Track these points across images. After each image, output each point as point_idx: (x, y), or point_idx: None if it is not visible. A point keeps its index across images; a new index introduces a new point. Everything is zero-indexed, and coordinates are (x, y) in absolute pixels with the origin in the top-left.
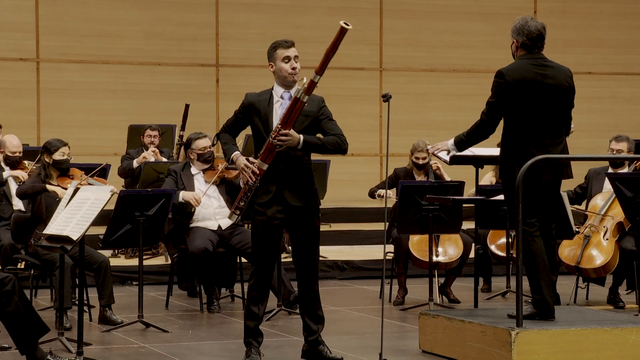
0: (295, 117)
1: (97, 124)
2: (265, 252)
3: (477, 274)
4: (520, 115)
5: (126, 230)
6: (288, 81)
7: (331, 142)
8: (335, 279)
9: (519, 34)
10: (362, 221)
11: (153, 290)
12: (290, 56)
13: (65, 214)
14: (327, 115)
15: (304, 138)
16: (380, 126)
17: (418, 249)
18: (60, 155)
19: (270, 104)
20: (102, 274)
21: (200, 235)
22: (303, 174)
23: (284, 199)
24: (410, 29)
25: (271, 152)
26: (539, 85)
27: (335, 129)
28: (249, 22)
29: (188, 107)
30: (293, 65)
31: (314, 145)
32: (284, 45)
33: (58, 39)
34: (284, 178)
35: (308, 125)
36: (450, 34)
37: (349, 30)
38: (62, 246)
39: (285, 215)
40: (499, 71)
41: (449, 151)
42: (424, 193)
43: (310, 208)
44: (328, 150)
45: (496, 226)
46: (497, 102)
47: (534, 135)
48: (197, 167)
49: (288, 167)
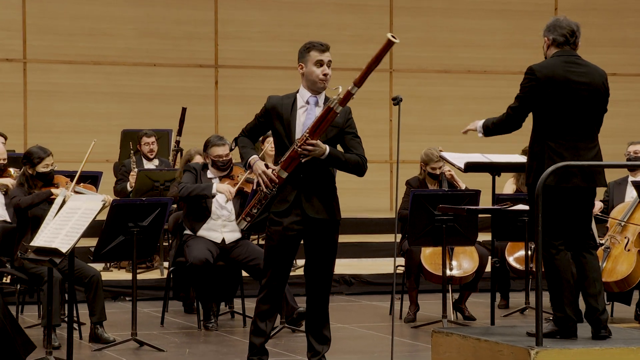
0: (325, 127)
1: (87, 129)
2: (279, 265)
3: (494, 289)
4: (550, 116)
5: (119, 242)
6: (317, 87)
7: (353, 161)
8: (343, 294)
9: (550, 31)
10: (371, 232)
11: (147, 307)
12: (324, 61)
13: (54, 225)
14: (353, 130)
15: (330, 151)
16: (391, 131)
17: (431, 262)
18: (43, 167)
19: (294, 109)
20: (93, 289)
21: (200, 246)
22: (325, 185)
23: (302, 209)
24: (423, 27)
25: (294, 160)
26: (570, 85)
27: (358, 148)
28: (251, 20)
29: (185, 110)
30: (325, 71)
31: (336, 160)
32: (319, 48)
33: (46, 38)
34: (304, 187)
35: (334, 137)
36: (466, 32)
37: (359, 29)
38: (50, 259)
39: (303, 226)
40: (530, 67)
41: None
42: (437, 202)
43: (329, 222)
44: (348, 168)
45: (514, 238)
46: (525, 98)
47: (566, 138)
48: (212, 173)
49: (309, 176)
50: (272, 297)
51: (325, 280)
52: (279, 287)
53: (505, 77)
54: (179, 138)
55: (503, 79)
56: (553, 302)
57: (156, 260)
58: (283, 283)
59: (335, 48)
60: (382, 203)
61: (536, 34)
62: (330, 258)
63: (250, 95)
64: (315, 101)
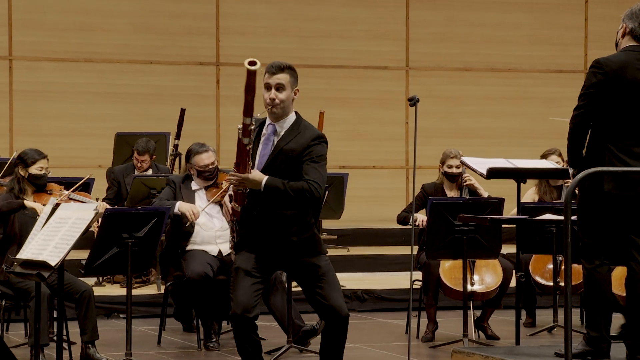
0: (244, 158)
1: (78, 132)
2: (238, 305)
3: (519, 305)
4: (613, 116)
5: (112, 254)
6: (271, 112)
7: (296, 187)
8: (355, 311)
9: (632, 18)
10: (386, 244)
11: (143, 324)
12: (271, 84)
13: (42, 236)
14: (312, 155)
15: (267, 181)
16: (407, 134)
17: (450, 276)
18: (37, 169)
19: (259, 138)
20: (84, 306)
21: (199, 259)
22: (284, 225)
23: (260, 249)
24: (442, 21)
25: (236, 193)
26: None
27: (310, 172)
28: (255, 14)
29: (184, 112)
30: (271, 95)
31: (275, 190)
32: (270, 71)
33: (34, 34)
34: (259, 226)
35: (289, 166)
36: (489, 27)
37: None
38: (38, 273)
39: (261, 264)
40: (596, 60)
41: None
42: (457, 212)
43: (300, 253)
44: (292, 197)
45: (541, 250)
46: (591, 96)
47: (630, 142)
48: (198, 184)
49: (262, 213)
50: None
51: (328, 303)
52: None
53: (531, 75)
54: (177, 142)
55: (528, 78)
56: (588, 319)
57: (153, 274)
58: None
59: (346, 44)
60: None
61: (565, 29)
62: (321, 279)
63: None
64: (273, 130)
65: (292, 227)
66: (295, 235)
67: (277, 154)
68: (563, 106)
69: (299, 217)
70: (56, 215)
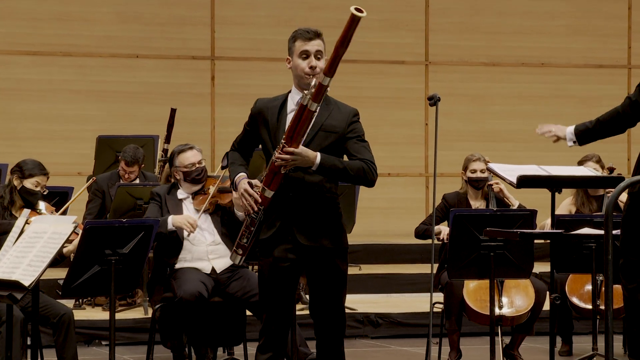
0: (302, 130)
1: (56, 134)
2: (275, 304)
3: (554, 331)
4: None
5: (93, 273)
6: (304, 83)
7: (355, 167)
8: (367, 338)
9: None
10: (402, 262)
11: (128, 352)
12: (310, 51)
13: (15, 253)
14: (358, 133)
15: (321, 159)
16: (427, 137)
17: (475, 298)
18: (32, 183)
19: (283, 113)
20: (63, 331)
21: (191, 278)
22: (321, 205)
23: (293, 237)
24: (466, 10)
25: (276, 175)
26: None
27: (363, 152)
28: (255, 2)
29: (174, 112)
30: (312, 63)
31: (332, 169)
32: (304, 36)
33: (5, 24)
34: (294, 209)
35: (332, 144)
36: (519, 16)
37: (388, 12)
38: (10, 294)
39: (297, 256)
40: None
41: (559, 138)
42: (483, 225)
43: (330, 249)
44: (350, 177)
45: (578, 269)
46: None
47: None
48: (185, 190)
49: (300, 195)
50: (273, 344)
51: (334, 319)
52: (280, 331)
53: (567, 71)
54: (167, 146)
55: (564, 74)
56: (631, 347)
57: (139, 295)
58: (285, 326)
59: (358, 35)
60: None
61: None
62: (335, 292)
63: (253, 94)
64: None
65: (333, 207)
66: (334, 216)
67: (317, 131)
68: (603, 106)
69: (336, 205)
70: (30, 229)
